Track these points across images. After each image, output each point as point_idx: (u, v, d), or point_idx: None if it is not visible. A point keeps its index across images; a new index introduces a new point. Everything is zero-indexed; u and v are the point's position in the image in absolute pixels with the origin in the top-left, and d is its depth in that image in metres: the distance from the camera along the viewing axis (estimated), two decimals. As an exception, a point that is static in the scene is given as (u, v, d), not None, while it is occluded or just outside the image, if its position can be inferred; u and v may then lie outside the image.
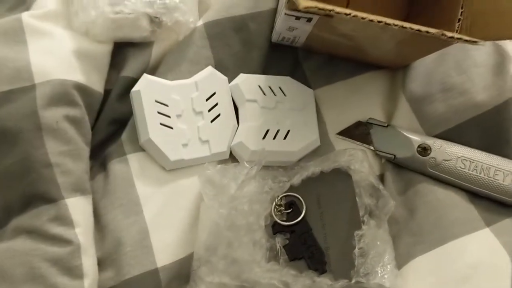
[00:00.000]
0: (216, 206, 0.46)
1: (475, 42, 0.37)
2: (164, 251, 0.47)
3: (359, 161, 0.51)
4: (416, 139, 0.53)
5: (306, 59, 0.57)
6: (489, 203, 0.51)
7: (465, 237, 0.48)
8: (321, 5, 0.36)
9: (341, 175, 0.51)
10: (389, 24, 0.37)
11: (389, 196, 0.49)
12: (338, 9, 0.37)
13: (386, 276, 0.45)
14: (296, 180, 0.50)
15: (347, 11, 0.37)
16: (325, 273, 0.47)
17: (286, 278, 0.44)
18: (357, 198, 0.49)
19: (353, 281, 0.45)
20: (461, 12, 0.45)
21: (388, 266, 0.45)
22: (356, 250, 0.46)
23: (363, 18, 0.36)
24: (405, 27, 0.37)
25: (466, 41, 0.37)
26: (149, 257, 0.47)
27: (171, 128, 0.49)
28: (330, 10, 0.36)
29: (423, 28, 0.37)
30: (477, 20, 0.44)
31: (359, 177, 0.50)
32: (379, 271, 0.45)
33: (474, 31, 0.44)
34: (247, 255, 0.45)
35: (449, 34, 0.37)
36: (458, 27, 0.45)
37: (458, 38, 0.37)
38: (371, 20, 0.36)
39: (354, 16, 0.36)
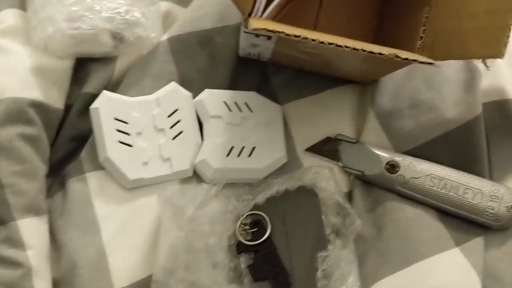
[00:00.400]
0: (174, 228, 0.45)
1: (431, 63, 0.36)
2: (122, 272, 0.46)
3: (325, 179, 0.50)
4: (385, 155, 0.52)
5: (274, 73, 0.56)
6: (459, 222, 0.50)
7: (433, 258, 0.47)
8: (270, 26, 0.35)
9: (307, 194, 0.50)
10: (340, 46, 0.36)
11: (356, 214, 0.48)
12: (288, 30, 0.35)
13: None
14: (261, 198, 0.49)
15: (297, 32, 0.36)
16: None
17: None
18: (323, 217, 0.48)
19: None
20: (423, 30, 0.44)
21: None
22: (319, 272, 0.46)
23: (313, 40, 0.35)
24: (357, 49, 0.36)
25: (421, 62, 0.36)
26: (105, 279, 0.46)
27: (131, 146, 0.49)
28: (280, 32, 0.35)
29: (376, 50, 0.36)
30: (439, 38, 0.43)
31: (325, 195, 0.49)
32: None
33: (436, 49, 0.42)
34: (206, 278, 0.45)
35: (403, 55, 0.36)
36: (420, 45, 0.44)
37: (413, 60, 0.36)
38: (322, 42, 0.35)
39: (304, 38, 0.35)
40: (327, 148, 0.54)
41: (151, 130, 0.50)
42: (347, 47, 0.36)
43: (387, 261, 0.48)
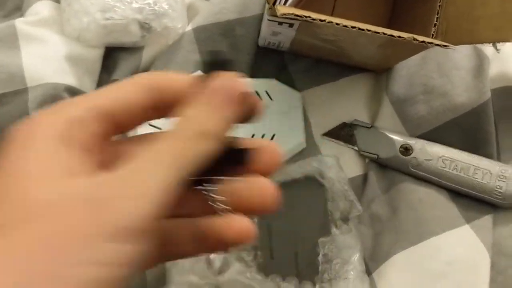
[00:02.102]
0: None
1: (446, 46, 0.39)
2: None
3: (329, 168, 0.52)
4: (399, 139, 0.54)
5: (292, 62, 0.58)
6: (469, 201, 0.53)
7: (444, 234, 0.49)
8: (298, 11, 0.38)
9: (312, 182, 0.52)
10: (363, 30, 0.38)
11: (357, 201, 0.51)
12: (314, 15, 0.38)
13: (351, 282, 0.46)
14: None
15: (322, 17, 0.38)
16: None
17: (253, 283, 0.45)
18: (330, 204, 0.50)
19: (317, 286, 0.46)
20: (437, 18, 0.47)
21: (352, 272, 0.47)
22: (320, 257, 0.48)
23: (337, 24, 0.38)
24: (378, 33, 0.38)
25: (437, 45, 0.39)
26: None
27: (160, 129, 0.51)
28: (307, 17, 0.38)
29: (396, 33, 0.39)
30: (452, 25, 0.45)
31: (331, 184, 0.51)
32: (343, 277, 0.46)
33: (449, 35, 0.45)
34: (211, 256, 0.46)
35: (420, 39, 0.39)
36: (434, 31, 0.46)
37: (429, 43, 0.39)
38: (346, 26, 0.38)
39: (329, 22, 0.38)
40: (343, 133, 0.57)
41: (177, 117, 0.52)
42: (368, 30, 0.38)
43: (400, 239, 0.50)
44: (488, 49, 0.55)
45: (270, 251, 0.49)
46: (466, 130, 0.54)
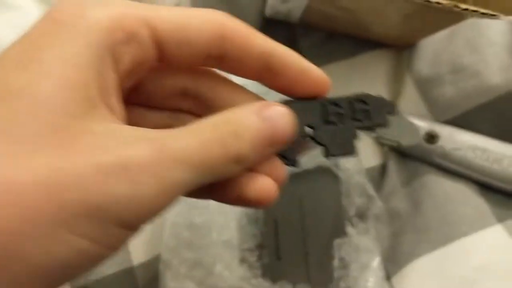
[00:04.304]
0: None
1: (494, 15, 0.32)
2: (139, 247, 0.44)
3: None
4: (423, 125, 0.49)
5: (304, 36, 0.53)
6: (502, 197, 0.48)
7: (474, 235, 0.45)
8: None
9: (326, 173, 0.47)
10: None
11: (377, 197, 0.46)
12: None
13: (370, 290, 0.41)
14: None
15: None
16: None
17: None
18: (345, 199, 0.45)
19: (332, 296, 0.41)
20: (476, -18, 0.40)
21: (371, 279, 0.41)
22: (336, 261, 0.43)
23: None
24: (412, -3, 0.32)
25: (483, 14, 0.32)
26: (124, 254, 0.43)
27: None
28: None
29: (433, -1, 0.32)
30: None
31: (347, 176, 0.46)
32: (362, 284, 0.41)
33: (491, 4, 0.39)
34: (210, 256, 0.42)
35: (463, 6, 0.32)
36: (472, 0, 0.40)
37: (473, 11, 0.32)
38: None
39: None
40: (359, 117, 0.51)
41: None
42: (401, -6, 0.32)
43: (424, 239, 0.45)
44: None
45: (276, 251, 0.44)
46: (501, 115, 0.48)
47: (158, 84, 0.25)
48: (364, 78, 0.53)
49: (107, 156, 0.18)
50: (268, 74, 0.24)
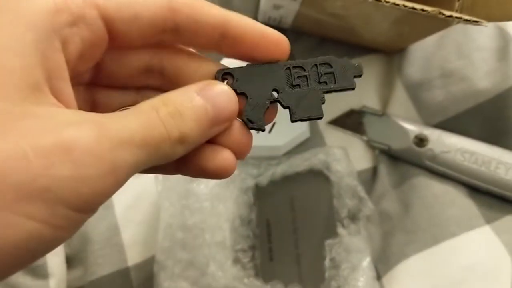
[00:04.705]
0: (167, 204, 0.42)
1: (477, 22, 0.33)
2: (135, 247, 0.44)
3: (337, 160, 0.47)
4: (413, 129, 0.49)
5: (295, 41, 0.53)
6: (490, 198, 0.48)
7: (462, 236, 0.45)
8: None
9: (317, 176, 0.47)
10: (380, 1, 0.33)
11: (368, 199, 0.46)
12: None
13: (361, 290, 0.41)
14: (263, 179, 0.46)
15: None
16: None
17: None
18: (336, 200, 0.46)
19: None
20: (462, -10, 0.41)
21: (362, 279, 0.42)
22: (327, 261, 0.43)
23: (351, -7, 0.32)
24: (398, 4, 0.33)
25: (466, 21, 0.33)
26: (120, 255, 0.43)
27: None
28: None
29: (418, 6, 0.33)
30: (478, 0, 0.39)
31: (338, 178, 0.47)
32: (352, 284, 0.41)
33: (476, 10, 0.39)
34: (203, 256, 0.42)
35: (447, 13, 0.33)
36: (458, 7, 0.41)
37: (457, 18, 0.33)
38: (360, -4, 0.32)
39: (341, -10, 0.32)
40: (350, 120, 0.51)
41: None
42: (387, 1, 0.33)
43: (413, 240, 0.46)
44: (513, 29, 0.50)
45: (269, 252, 0.45)
46: (488, 118, 0.49)
47: (120, 63, 0.25)
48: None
49: (47, 138, 0.18)
50: (226, 43, 0.24)
